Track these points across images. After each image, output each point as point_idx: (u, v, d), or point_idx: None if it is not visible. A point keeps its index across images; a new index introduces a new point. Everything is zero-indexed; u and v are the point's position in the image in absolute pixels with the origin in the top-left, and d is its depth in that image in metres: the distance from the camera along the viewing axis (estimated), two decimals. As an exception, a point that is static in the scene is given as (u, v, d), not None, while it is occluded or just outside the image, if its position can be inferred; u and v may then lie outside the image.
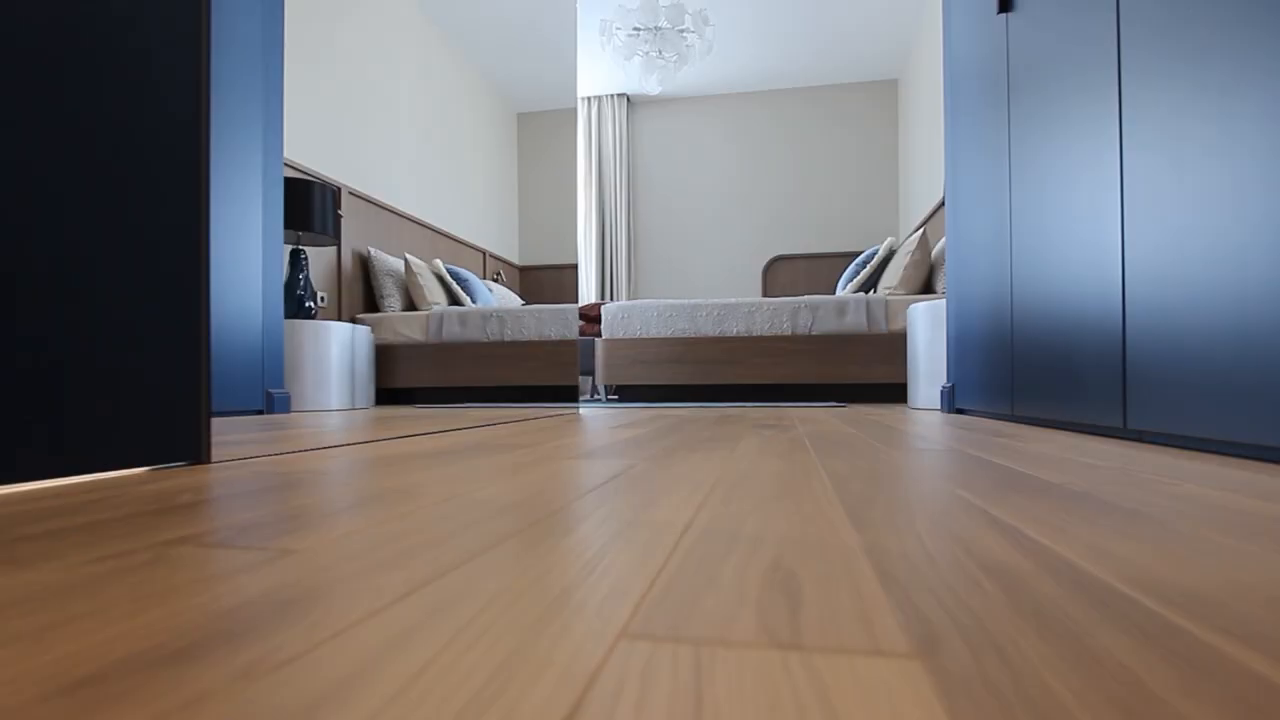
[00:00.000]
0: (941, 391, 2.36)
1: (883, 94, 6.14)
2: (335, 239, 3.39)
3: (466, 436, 1.39)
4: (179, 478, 0.78)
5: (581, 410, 2.72)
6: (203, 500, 0.63)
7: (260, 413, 2.68)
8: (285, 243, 3.36)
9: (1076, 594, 0.34)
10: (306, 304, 3.20)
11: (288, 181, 3.14)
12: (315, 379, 3.02)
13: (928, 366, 2.60)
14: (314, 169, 3.69)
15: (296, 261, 3.21)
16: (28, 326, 0.71)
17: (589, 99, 6.53)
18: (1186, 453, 1.02)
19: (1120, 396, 1.17)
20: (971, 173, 2.12)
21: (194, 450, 0.90)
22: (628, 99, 6.52)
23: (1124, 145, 1.17)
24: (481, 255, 5.88)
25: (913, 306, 2.73)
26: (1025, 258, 1.64)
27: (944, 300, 2.54)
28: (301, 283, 3.20)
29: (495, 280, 6.04)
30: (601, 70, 6.02)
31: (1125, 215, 1.16)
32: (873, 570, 0.38)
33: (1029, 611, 0.31)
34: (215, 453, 1.05)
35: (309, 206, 3.19)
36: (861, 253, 5.92)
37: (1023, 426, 1.62)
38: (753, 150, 6.35)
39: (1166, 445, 1.13)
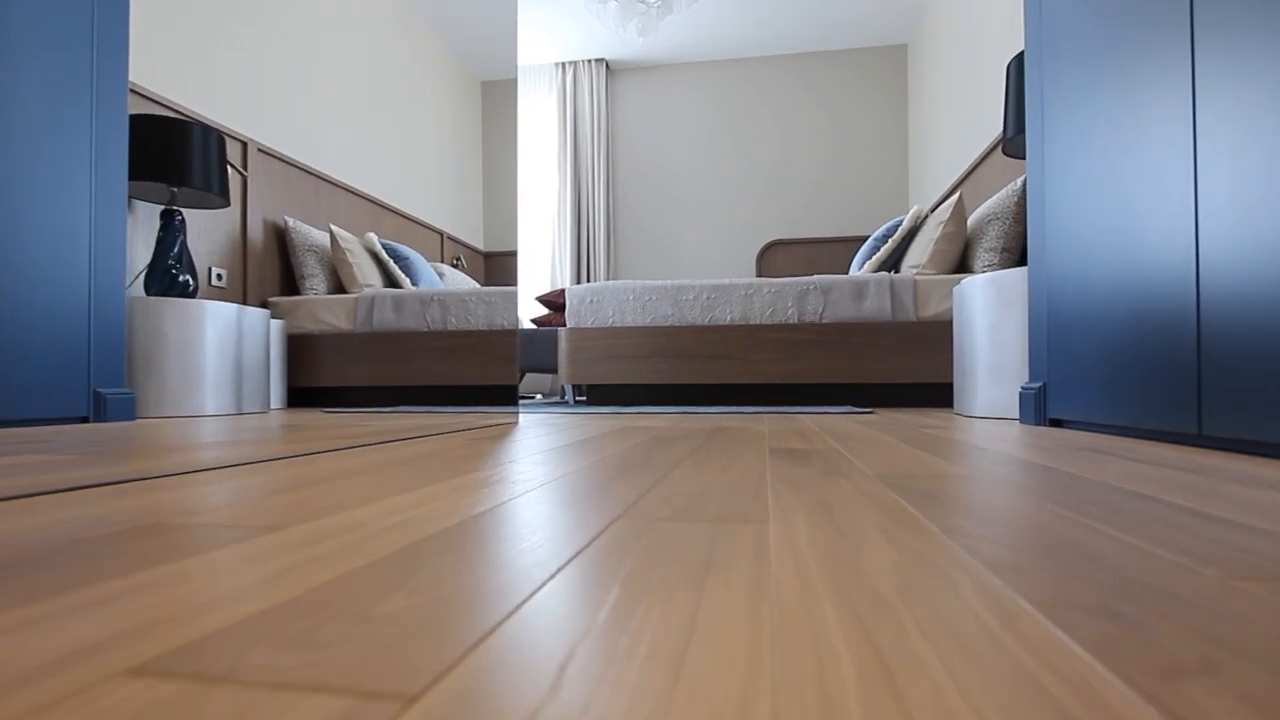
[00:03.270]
0: (1022, 394, 1.69)
1: (890, 60, 5.49)
2: (226, 199, 2.68)
3: (235, 485, 0.70)
4: None
5: (523, 418, 2.03)
6: None
7: (85, 420, 1.98)
8: (152, 200, 2.65)
9: None
10: (181, 279, 2.48)
11: (152, 120, 2.42)
12: (182, 376, 2.31)
13: (990, 361, 1.93)
14: (208, 115, 2.97)
15: (170, 225, 2.49)
16: None
17: (563, 64, 5.83)
18: None
19: None
20: (1086, 122, 1.45)
21: None
22: (606, 65, 5.83)
23: None
24: (439, 237, 5.18)
25: (966, 281, 2.06)
26: (1240, 218, 0.98)
27: (1014, 272, 1.88)
28: (175, 252, 2.48)
29: (455, 266, 5.33)
30: (579, 31, 5.32)
31: None
32: None
33: None
34: None
35: (185, 155, 2.48)
36: (868, 237, 5.29)
37: (1256, 461, 0.95)
38: (746, 123, 5.68)
39: None
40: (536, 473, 0.80)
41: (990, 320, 1.93)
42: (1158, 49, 1.16)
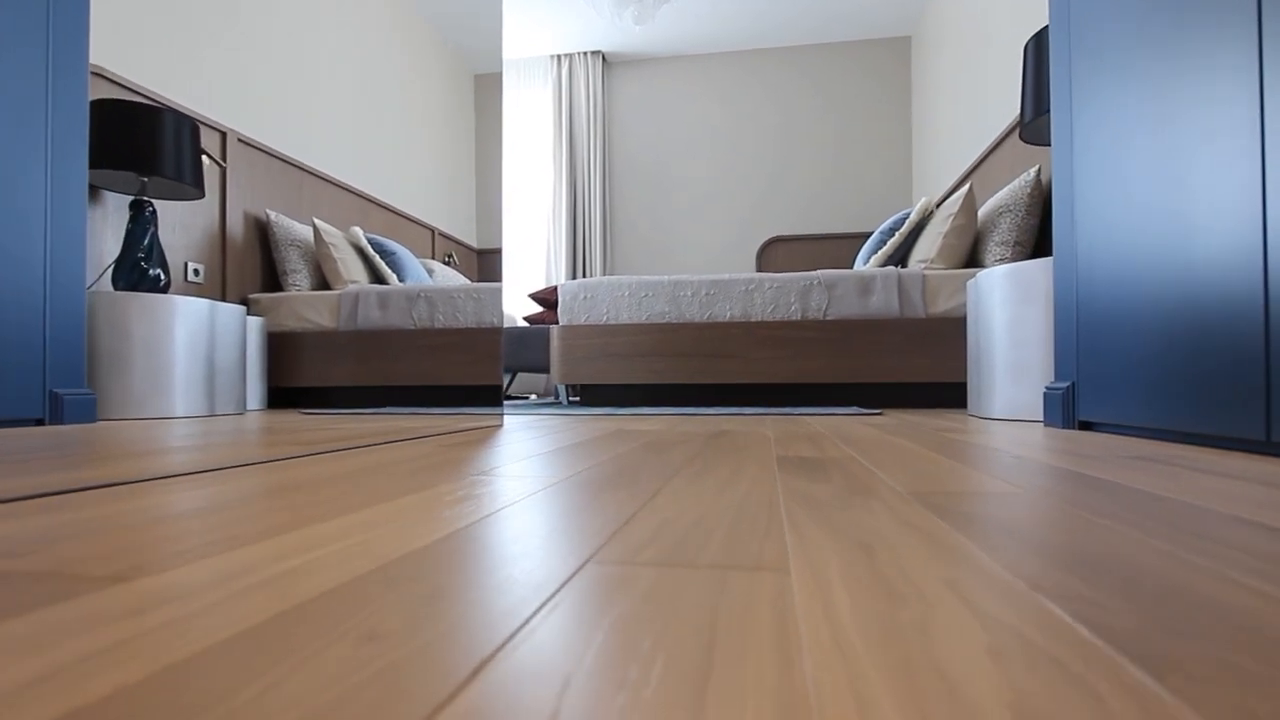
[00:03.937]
0: (1047, 395, 1.56)
1: (893, 52, 5.36)
2: (201, 190, 2.54)
3: (125, 507, 0.57)
4: None
5: (510, 420, 1.90)
6: None
7: (40, 422, 1.84)
8: (121, 190, 2.51)
9: None
10: (151, 273, 2.35)
11: (119, 105, 2.29)
12: (149, 375, 2.18)
13: (1010, 359, 1.81)
14: (183, 103, 2.84)
15: (139, 216, 2.36)
16: None
17: (558, 56, 5.70)
18: None
19: None
20: (1122, 97, 1.33)
21: None
22: (603, 57, 5.69)
23: None
24: (430, 234, 5.04)
25: (984, 275, 1.94)
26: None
27: (1037, 263, 1.75)
28: (144, 244, 2.35)
29: (446, 263, 5.19)
30: (575, 22, 5.19)
31: None
32: None
33: None
34: None
35: (155, 142, 2.34)
36: (871, 233, 5.17)
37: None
38: (745, 117, 5.54)
39: None
40: (503, 489, 0.67)
41: (1010, 315, 1.81)
42: (1214, 10, 1.03)
